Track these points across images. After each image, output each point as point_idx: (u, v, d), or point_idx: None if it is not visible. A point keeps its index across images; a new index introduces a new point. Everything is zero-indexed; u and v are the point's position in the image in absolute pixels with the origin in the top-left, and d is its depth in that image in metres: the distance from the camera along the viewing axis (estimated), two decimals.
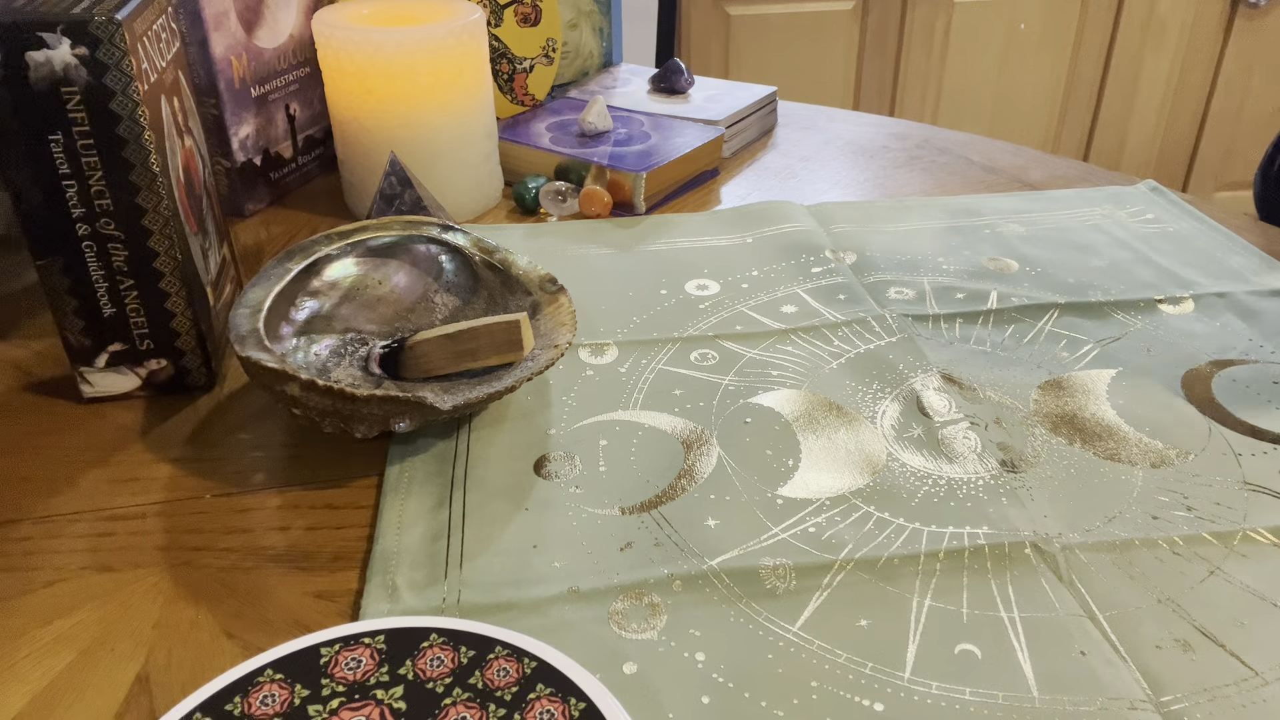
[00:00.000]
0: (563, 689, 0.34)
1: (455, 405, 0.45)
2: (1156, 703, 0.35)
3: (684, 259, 0.66)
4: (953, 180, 0.79)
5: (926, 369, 0.54)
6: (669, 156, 0.74)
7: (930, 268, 0.65)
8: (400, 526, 0.44)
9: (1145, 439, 0.49)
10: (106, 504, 0.46)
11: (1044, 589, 0.40)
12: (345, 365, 0.52)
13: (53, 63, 0.44)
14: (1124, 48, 2.05)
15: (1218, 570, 0.41)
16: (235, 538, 0.44)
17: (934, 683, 0.36)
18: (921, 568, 0.41)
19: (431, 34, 0.66)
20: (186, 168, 0.53)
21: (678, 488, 0.46)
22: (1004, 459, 0.48)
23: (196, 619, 0.40)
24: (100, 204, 0.47)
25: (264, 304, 0.49)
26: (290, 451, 0.50)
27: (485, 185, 0.74)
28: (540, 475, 0.47)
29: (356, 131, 0.69)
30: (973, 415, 0.51)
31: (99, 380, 0.52)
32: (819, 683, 0.36)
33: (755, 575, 0.41)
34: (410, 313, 0.55)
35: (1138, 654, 0.37)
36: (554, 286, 0.54)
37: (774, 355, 0.56)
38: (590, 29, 0.92)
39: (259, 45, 0.72)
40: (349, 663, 0.35)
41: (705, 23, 1.94)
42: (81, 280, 0.49)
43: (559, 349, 0.49)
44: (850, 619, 0.39)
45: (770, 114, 0.89)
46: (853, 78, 2.04)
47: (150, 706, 0.36)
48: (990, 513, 0.44)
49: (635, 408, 0.51)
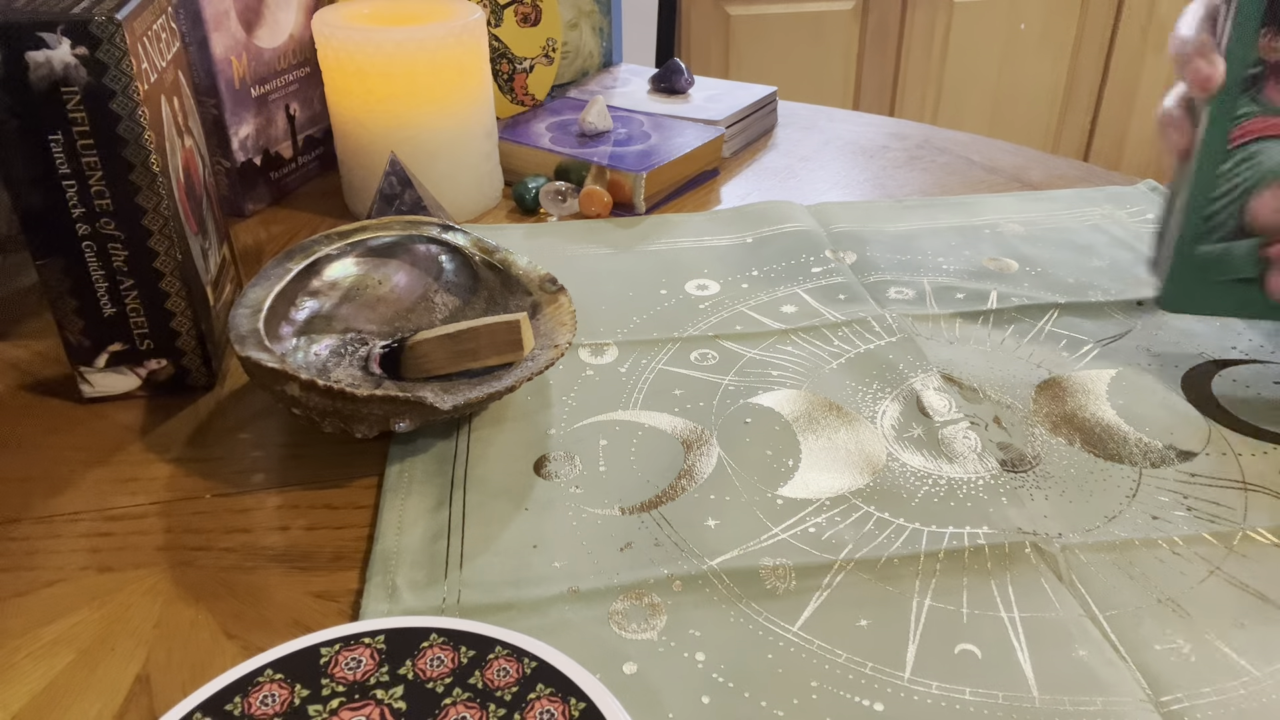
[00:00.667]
0: (563, 689, 0.34)
1: (455, 405, 0.45)
2: (1156, 703, 0.35)
3: (684, 259, 0.66)
4: (953, 180, 0.79)
5: (926, 369, 0.54)
6: (669, 156, 0.74)
7: (930, 268, 0.65)
8: (400, 526, 0.44)
9: (1145, 439, 0.49)
10: (106, 504, 0.46)
11: (1044, 589, 0.40)
12: (345, 365, 0.52)
13: (53, 63, 0.44)
14: (1124, 48, 2.05)
15: (1218, 570, 0.41)
16: (235, 538, 0.44)
17: (934, 682, 0.36)
18: (921, 568, 0.41)
19: (431, 34, 0.66)
20: (186, 168, 0.53)
21: (678, 488, 0.46)
22: (1004, 459, 0.48)
23: (196, 619, 0.40)
24: (100, 204, 0.47)
25: (264, 304, 0.49)
26: (290, 451, 0.50)
27: (485, 185, 0.74)
28: (540, 475, 0.47)
29: (356, 131, 0.69)
30: (973, 415, 0.51)
31: (99, 380, 0.52)
32: (819, 683, 0.36)
33: (755, 575, 0.41)
34: (410, 313, 0.55)
35: (1138, 654, 0.37)
36: (554, 286, 0.54)
37: (774, 355, 0.56)
38: (590, 29, 0.92)
39: (259, 45, 0.72)
40: (349, 663, 0.35)
41: (705, 23, 1.94)
42: (81, 280, 0.49)
43: (559, 349, 0.49)
44: (850, 619, 0.39)
45: (770, 114, 0.89)
46: (853, 78, 2.04)
47: (150, 706, 0.36)
48: (990, 512, 0.44)
49: (635, 408, 0.51)
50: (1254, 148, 0.42)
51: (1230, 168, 0.43)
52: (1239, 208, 0.44)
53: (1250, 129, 0.42)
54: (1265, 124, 0.42)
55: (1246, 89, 0.41)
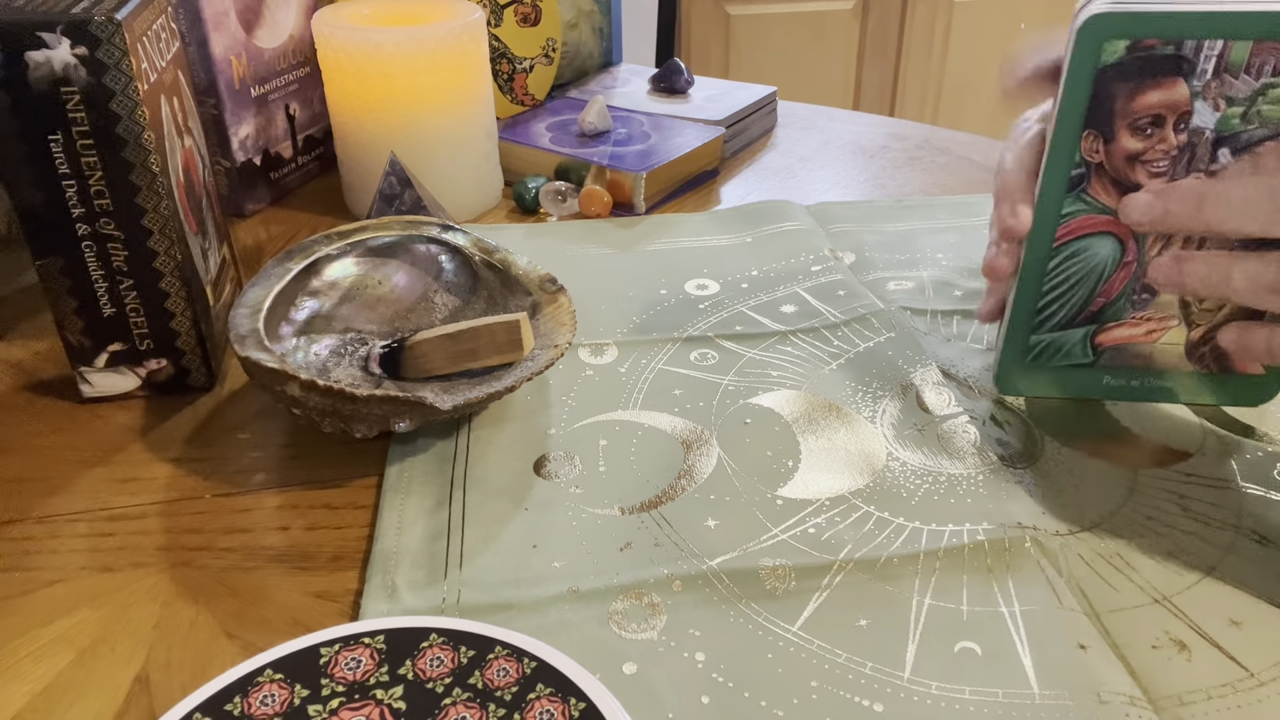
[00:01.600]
0: (563, 689, 0.34)
1: (455, 405, 0.45)
2: (1153, 702, 0.35)
3: (684, 259, 0.66)
4: (953, 180, 0.79)
5: (925, 364, 0.54)
6: (669, 156, 0.74)
7: (929, 265, 0.65)
8: (400, 526, 0.44)
9: (1143, 437, 0.49)
10: (106, 504, 0.46)
11: (1045, 583, 0.40)
12: (345, 365, 0.52)
13: (53, 63, 0.44)
14: None
15: (1214, 570, 0.41)
16: (235, 538, 0.44)
17: (934, 682, 0.36)
18: (921, 566, 0.41)
19: (431, 34, 0.66)
20: (186, 168, 0.53)
21: (677, 488, 0.46)
22: (1003, 454, 0.48)
23: (196, 619, 0.40)
24: (100, 204, 0.47)
25: (264, 304, 0.49)
26: (290, 451, 0.50)
27: (485, 185, 0.74)
28: (540, 475, 0.47)
29: (356, 131, 0.69)
30: (971, 410, 0.51)
31: (99, 380, 0.52)
32: (819, 682, 0.37)
33: (755, 576, 0.41)
34: (410, 313, 0.55)
35: (1134, 653, 0.37)
36: (554, 286, 0.54)
37: (774, 355, 0.56)
38: (590, 29, 0.92)
39: (259, 45, 0.72)
40: (349, 663, 0.35)
41: (705, 23, 1.94)
42: (81, 280, 0.49)
43: (559, 349, 0.49)
44: (850, 619, 0.39)
45: (770, 114, 0.89)
46: (853, 78, 2.04)
47: (150, 706, 0.36)
48: (990, 508, 0.44)
49: (635, 408, 0.51)
50: (1081, 244, 0.45)
51: (1058, 264, 0.45)
52: (1069, 300, 0.46)
53: (1076, 227, 0.45)
54: (1091, 221, 0.44)
55: (1072, 189, 0.44)
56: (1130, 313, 0.46)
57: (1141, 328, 0.46)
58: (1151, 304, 0.46)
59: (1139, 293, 0.46)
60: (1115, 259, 0.45)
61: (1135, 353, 0.47)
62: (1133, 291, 0.46)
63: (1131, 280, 0.45)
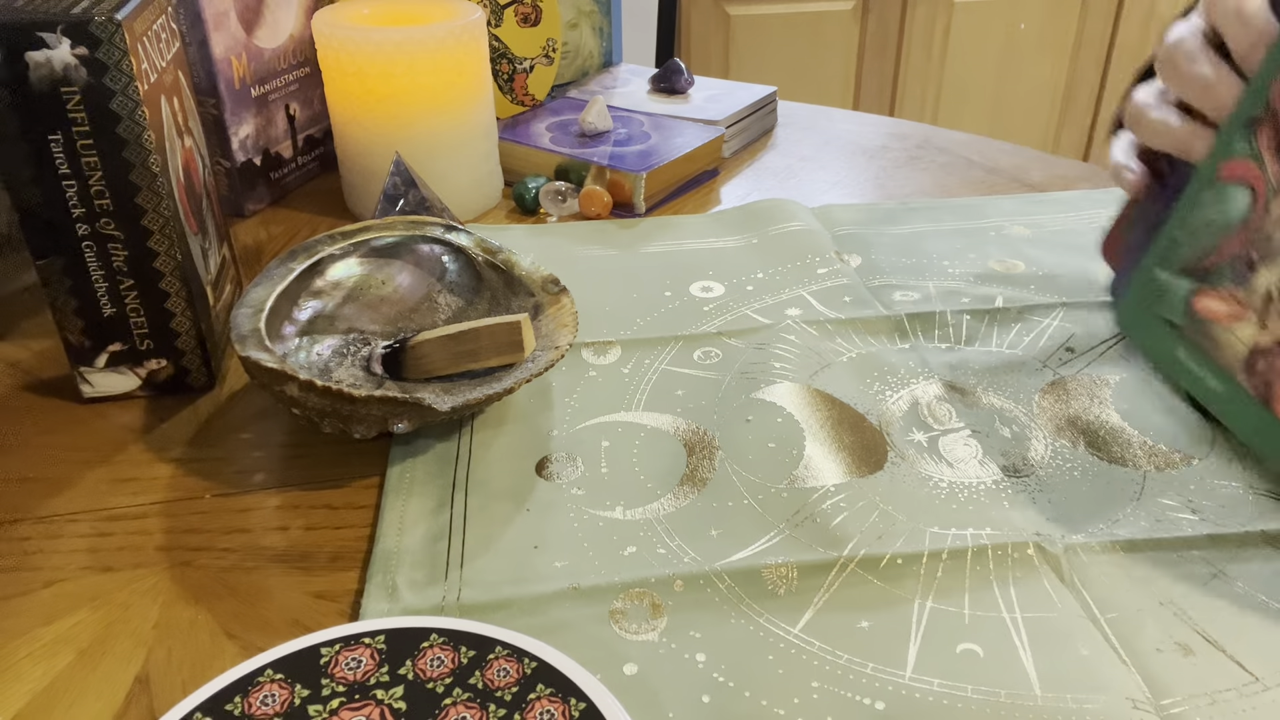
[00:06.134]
0: (563, 689, 0.34)
1: (454, 406, 0.45)
2: (1156, 705, 0.35)
3: (688, 260, 0.66)
4: (953, 180, 0.79)
5: (929, 375, 0.54)
6: (669, 156, 0.74)
7: (936, 271, 0.65)
8: (401, 527, 0.44)
9: (1150, 442, 0.49)
10: (106, 504, 0.46)
11: (1046, 590, 0.40)
12: (347, 365, 0.52)
13: (53, 63, 0.44)
14: (1124, 48, 2.05)
15: (1220, 574, 0.41)
16: (235, 538, 0.44)
17: (935, 680, 0.36)
18: (924, 568, 0.41)
19: (431, 34, 0.66)
20: (186, 168, 0.53)
21: (680, 488, 0.46)
22: (1006, 463, 0.48)
23: (196, 619, 0.40)
24: (100, 204, 0.47)
25: (266, 304, 0.49)
26: (290, 451, 0.49)
27: (485, 185, 0.74)
28: (542, 476, 0.47)
29: (356, 131, 0.69)
30: (975, 417, 0.51)
31: (99, 380, 0.52)
32: (820, 683, 0.36)
33: (757, 576, 0.41)
34: (413, 313, 0.55)
35: (1138, 656, 0.37)
36: (556, 288, 0.54)
37: (777, 351, 0.55)
38: (590, 29, 0.92)
39: (259, 45, 0.72)
40: (349, 663, 0.35)
41: (705, 23, 1.94)
42: (81, 280, 0.49)
43: (559, 351, 0.49)
44: (851, 620, 0.39)
45: (770, 114, 0.89)
46: (853, 78, 2.04)
47: (150, 706, 0.36)
48: (993, 514, 0.44)
49: (638, 409, 0.51)
50: (1229, 189, 0.43)
51: (1210, 198, 0.44)
52: (1198, 242, 0.44)
53: (1233, 169, 0.43)
54: (1243, 169, 0.43)
55: (1247, 127, 0.42)
56: (1228, 283, 0.44)
57: (1227, 306, 0.44)
58: (1246, 283, 0.44)
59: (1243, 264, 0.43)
60: (1243, 217, 0.43)
61: (1210, 335, 0.45)
62: (1239, 260, 0.43)
63: (1244, 247, 0.43)
